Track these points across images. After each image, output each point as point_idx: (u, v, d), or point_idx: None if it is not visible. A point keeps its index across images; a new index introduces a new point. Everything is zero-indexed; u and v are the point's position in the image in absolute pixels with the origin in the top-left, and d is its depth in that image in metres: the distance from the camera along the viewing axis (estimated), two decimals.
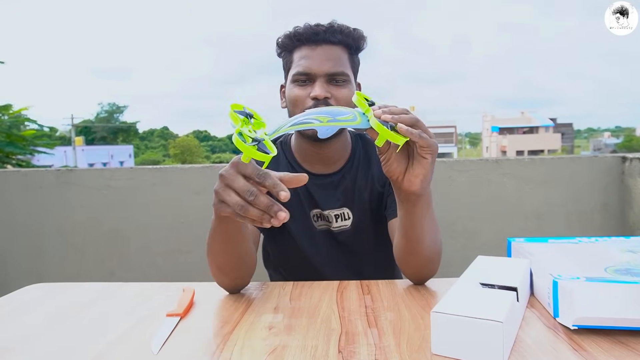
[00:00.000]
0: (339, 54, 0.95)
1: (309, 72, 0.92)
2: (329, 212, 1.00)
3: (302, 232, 1.01)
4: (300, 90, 0.93)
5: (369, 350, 0.57)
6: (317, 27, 0.94)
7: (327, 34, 0.93)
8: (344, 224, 1.01)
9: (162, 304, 0.77)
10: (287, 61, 0.98)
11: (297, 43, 0.95)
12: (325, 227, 1.02)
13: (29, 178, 1.76)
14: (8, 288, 1.80)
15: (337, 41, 0.94)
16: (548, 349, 0.55)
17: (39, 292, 0.87)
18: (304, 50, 0.94)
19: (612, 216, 1.72)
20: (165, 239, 1.73)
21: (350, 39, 0.96)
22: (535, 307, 0.68)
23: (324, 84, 0.92)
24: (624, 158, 1.70)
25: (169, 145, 57.09)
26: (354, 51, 0.99)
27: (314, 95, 0.91)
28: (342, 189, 1.00)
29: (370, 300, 0.75)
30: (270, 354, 0.57)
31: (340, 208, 1.00)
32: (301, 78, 0.94)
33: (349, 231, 1.01)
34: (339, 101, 0.92)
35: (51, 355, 0.59)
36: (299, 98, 0.93)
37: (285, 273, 1.10)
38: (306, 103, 0.92)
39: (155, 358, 0.58)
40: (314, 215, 1.01)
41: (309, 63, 0.93)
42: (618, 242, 0.80)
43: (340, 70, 0.93)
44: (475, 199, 1.73)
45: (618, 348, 0.55)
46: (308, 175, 0.71)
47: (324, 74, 0.92)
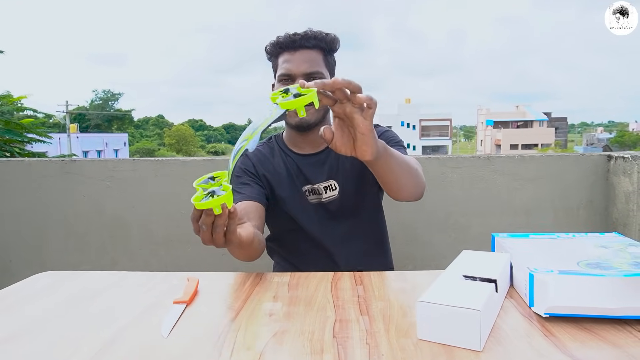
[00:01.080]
0: (314, 56, 1.13)
1: (290, 73, 1.11)
2: (319, 185, 1.17)
3: (297, 207, 1.17)
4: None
5: (361, 335, 0.63)
6: (294, 35, 1.12)
7: (302, 40, 1.11)
8: (332, 194, 1.17)
9: (167, 292, 0.82)
10: (274, 65, 1.16)
11: (280, 50, 1.14)
12: (317, 200, 1.18)
13: (33, 168, 1.80)
14: (12, 276, 1.86)
15: (312, 46, 1.12)
16: (522, 335, 0.62)
17: (49, 280, 0.92)
18: (285, 55, 1.13)
19: (597, 213, 1.79)
20: (166, 229, 1.78)
21: (323, 43, 1.13)
22: (514, 298, 0.74)
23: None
24: (610, 157, 1.77)
25: (164, 134, 56.85)
26: (327, 52, 1.16)
27: None
28: (327, 164, 1.17)
29: (362, 291, 0.81)
30: (271, 337, 0.63)
31: (327, 180, 1.17)
32: (284, 78, 1.12)
33: (337, 199, 1.17)
34: None
35: (64, 341, 0.64)
36: None
37: (285, 251, 1.25)
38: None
39: (165, 341, 0.63)
40: (306, 190, 1.17)
41: (289, 65, 1.11)
42: (593, 238, 0.86)
43: (315, 69, 1.11)
44: (467, 194, 1.80)
45: (584, 334, 0.61)
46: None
47: (302, 74, 1.10)
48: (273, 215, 1.20)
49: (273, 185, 1.17)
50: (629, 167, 1.64)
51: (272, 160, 1.20)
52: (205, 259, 1.78)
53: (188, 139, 54.39)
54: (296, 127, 1.15)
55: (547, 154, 1.85)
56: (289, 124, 1.17)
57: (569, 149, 49.06)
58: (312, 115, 1.13)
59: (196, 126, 76.67)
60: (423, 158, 1.79)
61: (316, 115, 1.13)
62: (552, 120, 51.13)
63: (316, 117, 1.14)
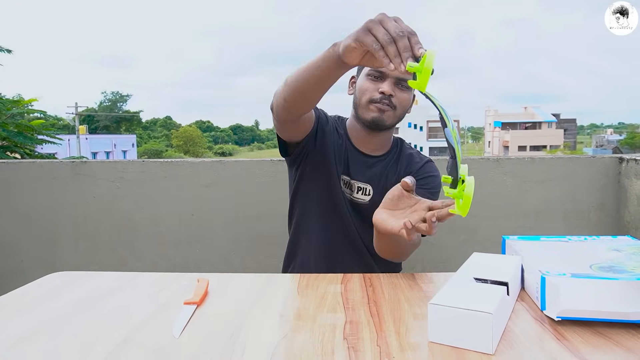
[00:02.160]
0: None
1: (384, 71, 1.11)
2: (355, 182, 1.19)
3: (328, 187, 1.17)
4: (371, 84, 1.12)
5: (371, 337, 0.63)
6: None
7: None
8: (363, 198, 1.19)
9: (178, 293, 0.83)
10: None
11: None
12: (348, 194, 1.19)
13: (44, 169, 1.82)
14: (22, 276, 1.88)
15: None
16: (534, 339, 0.61)
17: (62, 281, 0.93)
18: None
19: (608, 215, 1.77)
20: (175, 230, 1.79)
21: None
22: (525, 301, 0.74)
23: (392, 84, 1.11)
24: (621, 159, 1.75)
25: (171, 136, 57.15)
26: None
27: (382, 90, 1.10)
28: (373, 171, 1.20)
29: (372, 292, 0.81)
30: (282, 339, 0.63)
31: (365, 183, 1.19)
32: (375, 74, 1.12)
33: (366, 205, 1.18)
34: (400, 100, 1.12)
35: (79, 340, 0.65)
36: (369, 89, 1.12)
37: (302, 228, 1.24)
38: (374, 95, 1.12)
39: (177, 342, 0.63)
40: (342, 180, 1.19)
41: None
42: (605, 241, 0.85)
43: (407, 77, 1.10)
44: (476, 196, 1.78)
45: (597, 338, 0.60)
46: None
47: (394, 76, 1.11)
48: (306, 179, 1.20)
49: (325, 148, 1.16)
50: None
51: (337, 134, 1.22)
52: (214, 260, 1.79)
53: (195, 140, 54.64)
54: (368, 124, 1.14)
55: (557, 155, 1.83)
56: (360, 119, 1.16)
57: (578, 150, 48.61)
58: (390, 117, 1.13)
59: (203, 127, 77.05)
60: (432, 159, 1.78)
61: (392, 120, 1.14)
62: (560, 121, 50.72)
63: (391, 122, 1.14)
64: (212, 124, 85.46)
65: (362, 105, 1.14)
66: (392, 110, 1.12)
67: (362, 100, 1.13)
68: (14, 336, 0.66)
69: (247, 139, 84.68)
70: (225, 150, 62.35)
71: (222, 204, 1.76)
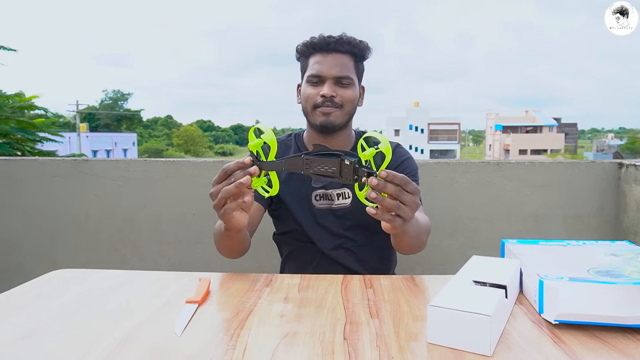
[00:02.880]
0: (346, 61, 1.13)
1: (320, 74, 1.12)
2: (332, 191, 1.17)
3: (303, 211, 1.17)
4: (312, 89, 1.13)
5: (371, 338, 0.63)
6: (329, 38, 1.13)
7: (336, 44, 1.12)
8: (344, 202, 1.18)
9: (179, 291, 0.83)
10: (304, 65, 1.17)
11: (312, 50, 1.14)
12: (327, 205, 1.18)
13: (47, 167, 1.83)
14: (24, 273, 1.88)
15: (345, 50, 1.13)
16: (532, 342, 0.62)
17: (64, 278, 0.93)
18: (318, 56, 1.13)
19: (607, 220, 1.78)
20: (176, 229, 1.80)
21: (356, 49, 1.14)
22: (523, 304, 0.75)
23: (331, 85, 1.12)
24: (621, 164, 1.76)
25: (172, 135, 57.20)
26: (359, 59, 1.17)
27: (322, 93, 1.11)
28: None
29: (372, 294, 0.82)
30: (282, 338, 0.64)
31: (341, 188, 1.17)
32: (313, 79, 1.13)
33: (349, 208, 1.17)
34: (343, 98, 1.13)
35: (81, 337, 0.65)
36: (310, 95, 1.13)
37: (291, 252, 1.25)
38: (316, 99, 1.12)
39: (179, 340, 0.64)
40: (316, 195, 1.17)
41: (321, 67, 1.12)
42: (603, 246, 0.86)
43: (345, 74, 1.12)
44: (476, 199, 1.80)
45: (593, 341, 0.61)
46: None
47: (332, 77, 1.12)
48: (279, 217, 1.23)
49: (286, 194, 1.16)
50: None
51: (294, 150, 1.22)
52: (215, 260, 1.79)
53: (196, 140, 54.71)
54: (320, 128, 1.14)
55: (557, 160, 1.84)
56: (312, 125, 1.16)
57: (579, 155, 48.60)
58: (338, 117, 1.13)
59: (204, 127, 77.06)
60: (432, 162, 1.79)
61: (342, 119, 1.14)
62: (562, 125, 50.75)
63: (341, 120, 1.14)
64: (213, 123, 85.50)
65: (309, 112, 1.15)
66: (339, 110, 1.12)
67: (307, 107, 1.14)
68: (17, 332, 0.67)
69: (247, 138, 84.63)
70: (226, 150, 62.35)
71: None
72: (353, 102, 1.15)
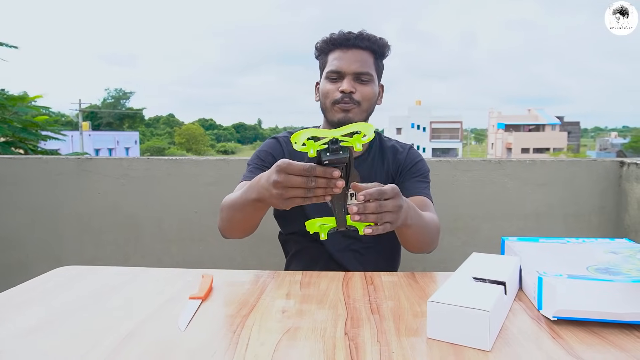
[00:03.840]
0: (366, 57, 1.13)
1: (340, 70, 1.11)
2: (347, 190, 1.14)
3: (318, 211, 1.14)
4: (331, 85, 1.12)
5: (372, 333, 0.64)
6: (349, 34, 1.12)
7: (357, 40, 1.12)
8: (353, 202, 1.13)
9: (183, 288, 0.85)
10: (323, 61, 1.16)
11: (332, 47, 1.13)
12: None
13: (50, 165, 1.84)
14: (28, 270, 1.90)
15: (365, 47, 1.12)
16: (530, 337, 0.63)
17: (69, 275, 0.94)
18: (337, 52, 1.13)
19: (609, 219, 1.78)
20: (178, 227, 1.81)
21: (376, 46, 1.14)
22: (523, 300, 0.76)
23: (351, 81, 1.11)
24: (622, 163, 1.76)
25: (174, 133, 57.28)
26: (378, 57, 1.16)
27: (342, 89, 1.10)
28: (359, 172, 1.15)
29: (373, 290, 0.83)
30: (285, 333, 0.65)
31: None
32: (333, 75, 1.12)
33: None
34: (363, 95, 1.11)
35: (86, 333, 0.66)
36: (330, 91, 1.12)
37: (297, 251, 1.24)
38: (335, 95, 1.11)
39: (182, 335, 0.65)
40: None
41: (341, 63, 1.11)
42: (603, 244, 0.87)
43: (365, 70, 1.11)
44: (477, 198, 1.80)
45: (591, 337, 0.62)
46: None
47: (352, 73, 1.11)
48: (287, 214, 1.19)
49: None
50: None
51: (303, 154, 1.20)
52: (217, 258, 1.80)
53: (198, 138, 54.76)
54: (338, 125, 1.11)
55: (558, 158, 1.84)
56: (330, 121, 1.14)
57: (582, 153, 48.48)
58: (357, 115, 1.11)
59: (206, 125, 77.15)
60: (434, 161, 1.80)
61: (360, 116, 1.12)
62: (564, 124, 50.61)
63: (359, 118, 1.12)
64: (214, 122, 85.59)
65: (327, 109, 1.13)
66: (357, 107, 1.11)
67: (326, 104, 1.13)
68: (22, 329, 0.68)
69: (249, 137, 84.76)
70: (228, 149, 62.43)
71: None
72: (372, 99, 1.13)
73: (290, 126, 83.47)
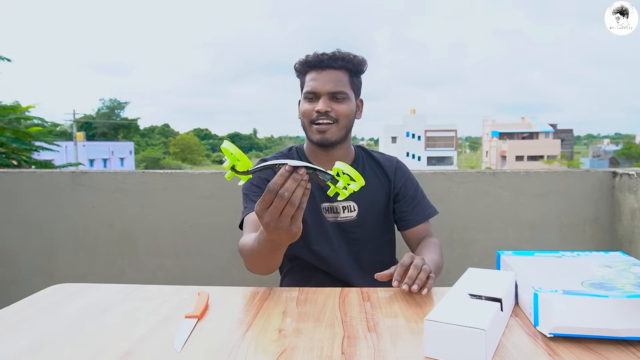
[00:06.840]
0: (340, 76, 1.16)
1: (315, 91, 1.15)
2: (338, 203, 1.19)
3: (314, 223, 1.18)
4: (308, 105, 1.16)
5: (369, 352, 0.64)
6: (322, 55, 1.16)
7: (330, 61, 1.15)
8: (350, 215, 1.20)
9: (179, 306, 0.84)
10: (302, 82, 1.20)
11: (307, 68, 1.18)
12: (334, 218, 1.20)
13: (44, 179, 1.83)
14: (21, 286, 1.88)
15: (339, 66, 1.16)
16: (527, 354, 0.63)
17: (64, 293, 0.94)
18: (313, 73, 1.17)
19: (602, 229, 1.79)
20: (174, 241, 1.80)
21: (350, 65, 1.17)
22: (519, 316, 0.76)
23: (326, 100, 1.14)
24: (615, 173, 1.78)
25: (169, 143, 57.18)
26: (354, 74, 1.19)
27: (317, 109, 1.14)
28: None
29: (370, 307, 0.83)
30: (281, 354, 0.64)
31: (347, 201, 1.19)
32: (310, 95, 1.16)
33: (354, 221, 1.20)
34: (338, 113, 1.15)
35: (82, 352, 0.66)
36: (307, 111, 1.16)
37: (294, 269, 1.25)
38: (312, 115, 1.15)
39: (178, 356, 0.65)
40: (324, 208, 1.19)
41: (315, 84, 1.16)
42: (597, 257, 0.87)
43: (340, 89, 1.15)
44: (472, 209, 1.81)
45: (588, 354, 0.62)
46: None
47: (327, 93, 1.14)
48: None
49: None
50: (634, 184, 1.65)
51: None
52: (213, 272, 1.80)
53: (193, 148, 54.68)
54: (318, 144, 1.16)
55: (552, 169, 1.85)
56: (310, 140, 1.18)
57: (575, 160, 48.82)
58: (334, 134, 1.14)
59: (201, 135, 77.11)
60: (429, 172, 1.80)
61: (338, 134, 1.15)
62: (558, 132, 51.02)
63: (338, 136, 1.15)
64: (209, 131, 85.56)
65: (306, 128, 1.17)
66: (335, 125, 1.14)
67: (305, 123, 1.17)
68: (18, 348, 0.67)
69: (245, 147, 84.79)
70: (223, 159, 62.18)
71: (221, 215, 1.77)
72: (348, 116, 1.16)
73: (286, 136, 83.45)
